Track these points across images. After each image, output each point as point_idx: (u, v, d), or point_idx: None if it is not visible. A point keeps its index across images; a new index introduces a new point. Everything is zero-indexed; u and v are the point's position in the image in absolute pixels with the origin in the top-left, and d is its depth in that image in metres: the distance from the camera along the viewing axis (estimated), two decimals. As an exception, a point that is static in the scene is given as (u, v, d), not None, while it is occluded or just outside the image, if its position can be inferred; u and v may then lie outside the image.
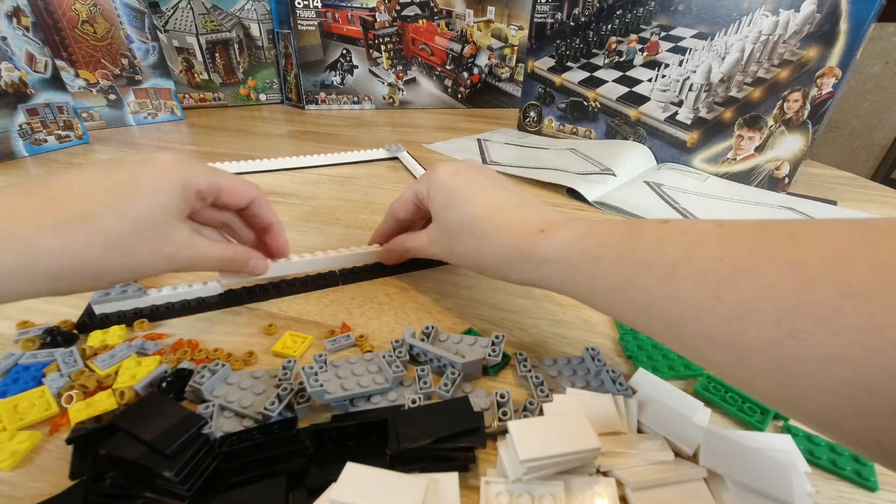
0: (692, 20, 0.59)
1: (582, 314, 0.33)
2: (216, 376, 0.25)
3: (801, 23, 0.51)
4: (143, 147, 0.69)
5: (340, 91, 0.99)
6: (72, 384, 0.25)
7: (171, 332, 0.30)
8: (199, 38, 0.90)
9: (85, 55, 0.73)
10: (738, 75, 0.57)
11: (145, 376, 0.25)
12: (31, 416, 0.23)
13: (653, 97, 0.65)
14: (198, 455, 0.19)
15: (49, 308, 0.32)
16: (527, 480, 0.19)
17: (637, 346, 0.29)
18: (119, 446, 0.19)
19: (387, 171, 0.62)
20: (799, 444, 0.23)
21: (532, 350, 0.30)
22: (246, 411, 0.23)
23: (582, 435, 0.20)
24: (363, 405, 0.24)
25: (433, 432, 0.21)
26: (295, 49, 0.92)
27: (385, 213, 0.36)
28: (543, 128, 0.80)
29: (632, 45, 0.66)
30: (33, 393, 0.24)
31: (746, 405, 0.25)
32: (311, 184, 0.56)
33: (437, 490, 0.19)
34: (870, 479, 0.21)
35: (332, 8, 0.90)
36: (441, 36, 0.97)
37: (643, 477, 0.20)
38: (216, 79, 0.95)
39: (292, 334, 0.29)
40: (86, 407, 0.23)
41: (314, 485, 0.20)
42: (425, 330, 0.28)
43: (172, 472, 0.18)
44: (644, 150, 0.67)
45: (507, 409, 0.23)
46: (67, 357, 0.26)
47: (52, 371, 0.26)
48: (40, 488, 0.20)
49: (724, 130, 0.61)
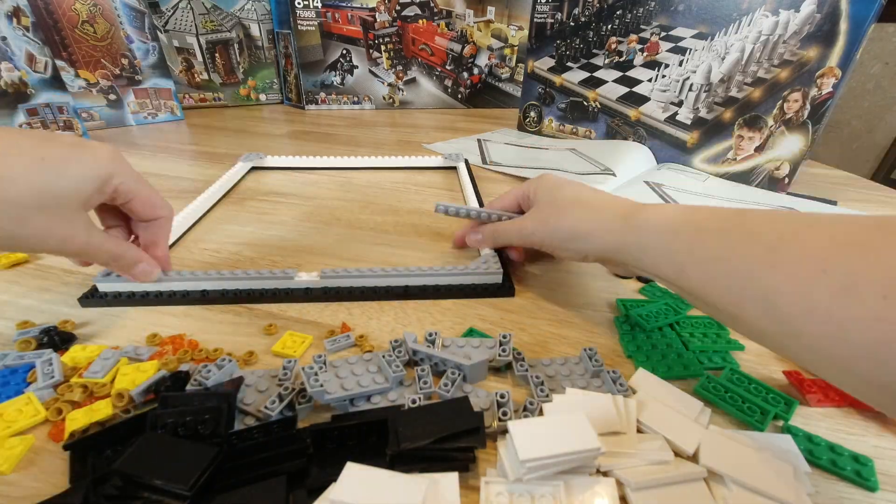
0: (692, 20, 0.59)
1: (582, 314, 0.33)
2: (222, 371, 0.25)
3: (801, 23, 0.51)
4: (143, 147, 0.69)
5: (340, 91, 0.99)
6: (57, 397, 0.24)
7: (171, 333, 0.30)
8: (199, 38, 0.90)
9: (85, 55, 0.73)
10: (738, 75, 0.57)
11: (143, 381, 0.24)
12: (19, 424, 0.22)
13: (653, 97, 0.65)
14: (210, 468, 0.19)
15: (49, 308, 0.32)
16: (527, 480, 0.19)
17: (637, 347, 0.29)
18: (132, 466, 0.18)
19: (397, 175, 0.62)
20: (799, 444, 0.23)
21: (532, 350, 0.30)
22: (248, 408, 0.23)
23: (582, 435, 0.20)
24: (363, 405, 0.24)
25: (433, 432, 0.21)
26: (295, 49, 0.92)
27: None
28: (543, 128, 0.80)
29: (632, 45, 0.66)
30: (19, 400, 0.23)
31: (746, 405, 0.25)
32: (311, 184, 0.56)
33: (436, 490, 0.19)
34: (870, 479, 0.21)
35: (332, 8, 0.90)
36: (441, 36, 0.97)
37: (643, 477, 0.20)
38: (216, 79, 0.95)
39: (292, 334, 0.29)
40: (83, 414, 0.23)
41: (314, 485, 0.20)
42: (428, 336, 0.28)
43: (186, 485, 0.18)
44: (644, 151, 0.67)
45: (507, 410, 0.23)
46: (46, 367, 0.25)
47: (34, 379, 0.25)
48: (40, 488, 0.20)
49: (724, 130, 0.61)
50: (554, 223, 0.32)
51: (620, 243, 0.28)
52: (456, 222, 0.47)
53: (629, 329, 0.31)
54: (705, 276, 0.22)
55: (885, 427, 0.25)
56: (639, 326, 0.31)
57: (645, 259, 0.26)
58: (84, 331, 0.30)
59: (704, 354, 0.29)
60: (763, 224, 0.20)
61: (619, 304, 0.34)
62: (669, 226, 0.25)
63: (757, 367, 0.29)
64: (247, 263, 0.38)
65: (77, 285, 0.34)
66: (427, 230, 0.45)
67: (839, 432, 0.24)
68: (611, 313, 0.34)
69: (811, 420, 0.25)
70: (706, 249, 0.22)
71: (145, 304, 0.32)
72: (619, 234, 0.28)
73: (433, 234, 0.45)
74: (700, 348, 0.29)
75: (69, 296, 0.33)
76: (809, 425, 0.24)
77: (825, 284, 0.16)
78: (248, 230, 0.44)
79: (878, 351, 0.15)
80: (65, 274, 0.36)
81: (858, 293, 0.15)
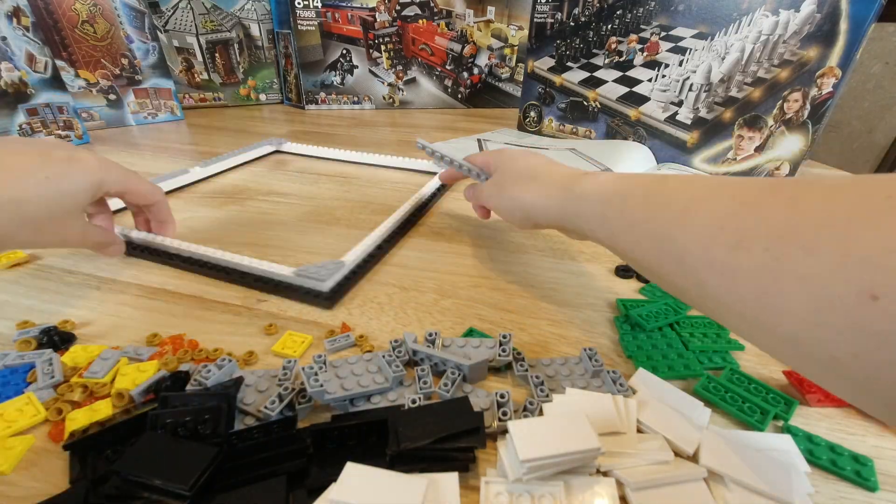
0: (692, 20, 0.59)
1: (582, 314, 0.33)
2: (222, 371, 0.25)
3: (801, 23, 0.51)
4: (143, 147, 0.69)
5: (340, 91, 0.99)
6: (57, 397, 0.24)
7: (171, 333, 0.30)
8: (199, 38, 0.90)
9: (85, 55, 0.72)
10: (738, 75, 0.57)
11: (143, 381, 0.24)
12: (19, 424, 0.22)
13: (653, 97, 0.65)
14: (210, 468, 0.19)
15: (49, 308, 0.32)
16: (527, 480, 0.19)
17: (637, 346, 0.29)
18: (132, 466, 0.19)
19: (395, 174, 0.62)
20: (799, 444, 0.23)
21: (532, 350, 0.30)
22: (248, 408, 0.23)
23: (582, 435, 0.20)
24: (363, 405, 0.24)
25: (433, 432, 0.21)
26: (295, 49, 0.92)
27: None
28: (543, 128, 0.80)
29: (632, 45, 0.66)
30: (19, 400, 0.24)
31: (746, 405, 0.25)
32: (310, 183, 0.56)
33: (436, 490, 0.19)
34: (870, 479, 0.21)
35: (332, 8, 0.90)
36: (441, 36, 0.97)
37: (643, 477, 0.20)
38: (216, 79, 0.95)
39: (292, 334, 0.29)
40: (83, 414, 0.23)
41: (314, 485, 0.20)
42: (428, 336, 0.28)
43: (186, 485, 0.18)
44: (644, 151, 0.67)
45: (507, 410, 0.23)
46: (46, 367, 0.25)
47: (34, 379, 0.25)
48: (40, 488, 0.20)
49: (724, 130, 0.61)
50: (506, 193, 0.35)
51: (562, 212, 0.30)
52: (460, 227, 0.47)
53: (629, 329, 0.31)
54: (632, 239, 0.24)
55: (885, 427, 0.25)
56: (639, 326, 0.31)
57: (584, 226, 0.29)
58: (84, 331, 0.30)
59: (704, 354, 0.29)
60: (679, 189, 0.23)
61: (619, 304, 0.34)
62: (602, 194, 0.27)
63: (757, 367, 0.29)
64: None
65: (77, 285, 0.34)
66: (427, 230, 0.45)
67: (839, 432, 0.24)
68: (611, 313, 0.34)
69: (811, 420, 0.25)
70: (632, 214, 0.24)
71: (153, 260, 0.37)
72: (560, 204, 0.30)
73: (433, 234, 0.45)
74: (700, 348, 0.29)
75: (69, 296, 0.33)
76: (809, 425, 0.24)
77: (722, 241, 0.18)
78: (248, 230, 0.44)
79: (761, 297, 0.17)
80: (65, 274, 0.36)
81: (748, 247, 0.17)
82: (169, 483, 0.18)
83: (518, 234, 0.45)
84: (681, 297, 0.23)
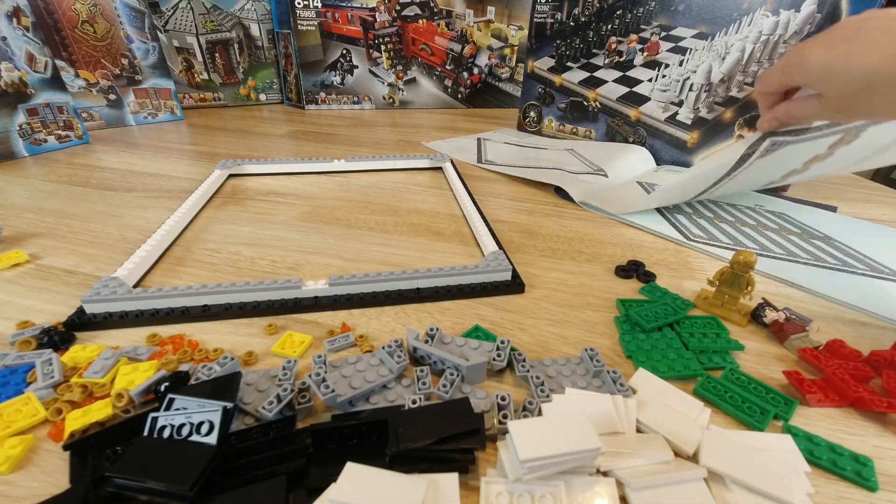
0: (692, 20, 0.59)
1: (582, 314, 0.33)
2: (224, 370, 0.25)
3: (802, 23, 0.51)
4: (143, 147, 0.69)
5: (340, 91, 0.99)
6: (57, 397, 0.24)
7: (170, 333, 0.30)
8: (199, 38, 0.90)
9: (85, 55, 0.72)
10: (739, 75, 0.57)
11: (143, 381, 0.24)
12: (18, 424, 0.22)
13: (653, 97, 0.65)
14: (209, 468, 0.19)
15: (49, 308, 0.32)
16: (527, 480, 0.19)
17: (637, 346, 0.29)
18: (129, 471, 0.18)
19: (397, 175, 0.62)
20: (799, 444, 0.23)
21: (532, 350, 0.30)
22: (247, 408, 0.23)
23: (582, 435, 0.20)
24: (363, 405, 0.24)
25: (433, 433, 0.21)
26: (295, 49, 0.92)
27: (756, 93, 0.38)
28: (543, 128, 0.80)
29: (632, 45, 0.65)
30: (18, 400, 0.24)
31: (746, 405, 0.25)
32: (311, 184, 0.56)
33: (436, 490, 0.19)
34: (870, 479, 0.21)
35: (332, 8, 0.90)
36: (441, 36, 0.97)
37: (643, 477, 0.20)
38: (216, 79, 0.95)
39: (292, 334, 0.29)
40: (83, 414, 0.23)
41: (314, 485, 0.20)
42: (429, 331, 0.28)
43: (187, 486, 0.18)
44: (643, 153, 0.67)
45: (508, 412, 0.23)
46: (46, 367, 0.25)
47: (33, 379, 0.25)
48: (40, 488, 0.20)
49: (724, 130, 0.60)
50: (854, 116, 0.31)
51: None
52: (453, 225, 0.47)
53: (629, 329, 0.31)
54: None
55: (885, 427, 0.25)
56: (639, 326, 0.31)
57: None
58: (84, 331, 0.30)
59: (704, 354, 0.29)
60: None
61: (619, 304, 0.34)
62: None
63: (757, 367, 0.29)
64: (247, 263, 0.38)
65: (77, 285, 0.34)
66: (427, 230, 0.45)
67: (839, 432, 0.24)
68: (611, 313, 0.34)
69: (811, 420, 0.25)
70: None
71: (137, 325, 0.30)
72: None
73: (433, 234, 0.45)
74: (700, 348, 0.29)
75: (69, 296, 0.33)
76: (809, 425, 0.24)
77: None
78: (248, 230, 0.44)
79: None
80: (65, 274, 0.36)
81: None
82: (169, 484, 0.18)
83: (518, 234, 0.45)
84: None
